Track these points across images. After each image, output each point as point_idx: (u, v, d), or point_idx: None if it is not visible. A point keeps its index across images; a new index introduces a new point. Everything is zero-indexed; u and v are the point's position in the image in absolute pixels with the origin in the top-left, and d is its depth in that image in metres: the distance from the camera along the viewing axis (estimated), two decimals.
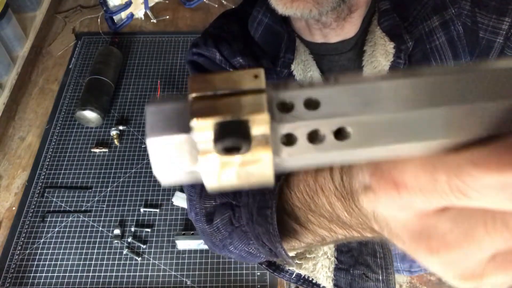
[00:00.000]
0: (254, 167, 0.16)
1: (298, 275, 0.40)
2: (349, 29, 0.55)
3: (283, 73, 0.56)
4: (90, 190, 0.93)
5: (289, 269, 0.39)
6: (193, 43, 0.61)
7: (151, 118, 0.17)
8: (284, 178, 0.32)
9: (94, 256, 0.85)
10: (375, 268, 0.38)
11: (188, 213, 0.46)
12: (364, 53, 0.56)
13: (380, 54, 0.55)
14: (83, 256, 0.85)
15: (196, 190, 0.43)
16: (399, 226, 0.20)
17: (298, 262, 0.40)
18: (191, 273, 0.83)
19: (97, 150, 0.99)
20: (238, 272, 0.83)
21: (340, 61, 0.58)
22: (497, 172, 0.14)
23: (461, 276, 0.18)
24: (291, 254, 0.38)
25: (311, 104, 0.16)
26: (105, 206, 0.91)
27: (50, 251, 0.85)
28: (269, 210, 0.31)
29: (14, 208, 0.92)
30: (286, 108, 0.16)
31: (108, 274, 0.83)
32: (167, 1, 1.34)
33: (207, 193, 0.40)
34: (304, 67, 0.57)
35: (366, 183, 0.21)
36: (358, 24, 0.55)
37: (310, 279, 0.40)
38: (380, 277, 0.38)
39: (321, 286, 0.40)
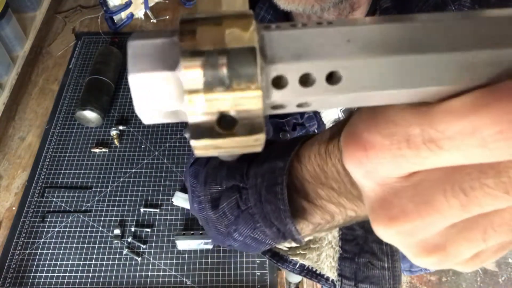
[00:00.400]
0: (242, 107, 0.15)
1: (302, 266, 0.39)
2: None
3: None
4: (90, 190, 0.93)
5: (292, 259, 0.38)
6: None
7: (133, 53, 0.16)
8: (294, 153, 0.31)
9: (94, 256, 0.85)
10: (381, 255, 0.37)
11: (190, 206, 0.44)
12: None
13: None
14: (83, 256, 0.85)
15: (199, 179, 0.42)
16: (365, 195, 0.19)
17: (302, 252, 0.39)
18: (191, 273, 0.83)
19: (97, 150, 0.99)
20: (238, 272, 0.83)
21: None
22: (470, 114, 0.14)
23: (423, 249, 0.17)
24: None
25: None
26: (105, 206, 0.91)
27: (50, 251, 0.85)
28: (279, 186, 0.30)
29: (14, 208, 0.92)
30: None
31: (108, 274, 0.83)
32: (167, 1, 1.34)
33: (213, 178, 0.39)
34: None
35: (342, 145, 0.19)
36: None
37: (314, 269, 0.39)
38: (386, 265, 0.37)
39: (325, 276, 0.39)
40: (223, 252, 0.85)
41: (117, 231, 0.87)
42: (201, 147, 0.16)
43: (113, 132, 1.00)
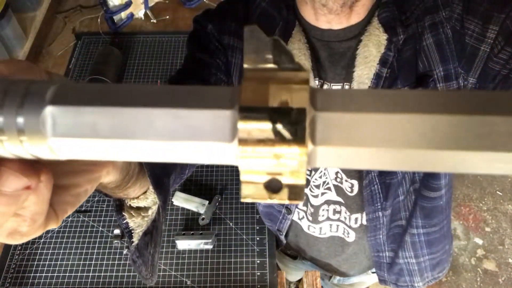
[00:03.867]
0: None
1: (127, 224, 0.47)
2: (352, 17, 0.55)
3: None
4: None
5: (124, 214, 0.46)
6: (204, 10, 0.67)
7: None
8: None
9: (94, 256, 0.85)
10: (150, 242, 0.47)
11: None
12: (360, 43, 0.56)
13: (373, 44, 0.55)
14: (83, 256, 0.85)
15: None
16: None
17: (134, 214, 0.47)
18: (191, 273, 0.83)
19: None
20: (238, 272, 0.83)
21: (341, 48, 0.58)
22: None
23: None
24: (140, 201, 0.46)
25: None
26: (105, 206, 0.91)
27: (50, 251, 0.85)
28: (114, 203, 0.44)
29: None
30: None
31: (108, 274, 0.83)
32: (167, 1, 1.34)
33: None
34: (295, 55, 0.58)
35: None
36: (362, 13, 0.55)
37: (131, 230, 0.47)
38: (150, 250, 0.47)
39: (132, 240, 0.47)
40: (223, 252, 0.85)
41: (117, 231, 0.86)
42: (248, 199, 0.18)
43: None
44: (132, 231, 0.46)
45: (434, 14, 0.54)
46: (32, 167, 0.20)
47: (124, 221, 0.45)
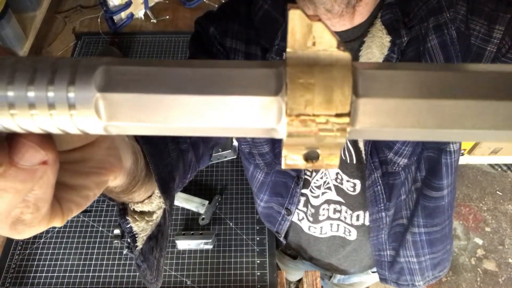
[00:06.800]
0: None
1: (130, 229, 0.49)
2: (356, 19, 0.55)
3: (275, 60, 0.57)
4: None
5: (127, 218, 0.47)
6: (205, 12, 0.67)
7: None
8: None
9: (94, 256, 0.85)
10: (155, 247, 0.49)
11: None
12: (363, 44, 0.56)
13: (376, 46, 0.55)
14: (83, 256, 0.85)
15: None
16: None
17: (138, 218, 0.49)
18: (191, 273, 0.83)
19: None
20: (238, 272, 0.83)
21: None
22: None
23: None
24: (145, 205, 0.47)
25: None
26: (105, 206, 0.91)
27: (50, 251, 0.85)
28: (118, 207, 0.44)
29: None
30: None
31: (108, 274, 0.83)
32: (167, 1, 1.34)
33: None
34: None
35: None
36: (364, 14, 0.55)
37: (135, 235, 0.49)
38: (156, 254, 0.49)
39: (136, 244, 0.49)
40: (223, 252, 0.85)
41: (117, 231, 0.87)
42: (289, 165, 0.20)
43: None
44: (136, 235, 0.46)
45: (438, 16, 0.54)
46: (48, 141, 0.20)
47: (128, 225, 0.45)
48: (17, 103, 0.18)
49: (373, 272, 0.90)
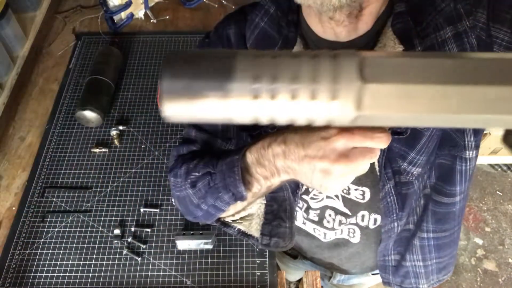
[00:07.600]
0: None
1: (239, 229, 0.61)
2: (360, 27, 0.54)
3: None
4: (90, 190, 0.93)
5: (233, 225, 0.59)
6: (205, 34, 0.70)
7: None
8: (247, 148, 0.50)
9: (94, 256, 0.85)
10: (285, 219, 0.59)
11: (173, 194, 0.64)
12: None
13: None
14: (83, 256, 0.85)
15: (179, 175, 0.60)
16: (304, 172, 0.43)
17: (240, 221, 0.61)
18: (191, 273, 0.83)
19: (97, 150, 0.99)
20: (238, 272, 0.83)
21: None
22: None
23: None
24: (242, 214, 0.60)
25: None
26: (105, 206, 0.91)
27: (50, 251, 0.85)
28: (236, 168, 0.50)
29: (14, 208, 0.92)
30: None
31: (108, 274, 0.83)
32: (167, 1, 1.34)
33: (193, 170, 0.58)
34: None
35: (280, 152, 0.45)
36: (369, 22, 0.54)
37: (246, 232, 0.61)
38: (287, 225, 0.59)
39: (252, 235, 0.60)
40: (223, 252, 0.85)
41: (117, 231, 0.87)
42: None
43: (113, 132, 1.00)
44: (246, 231, 0.58)
45: (457, 24, 0.52)
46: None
47: (236, 229, 0.58)
48: (300, 93, 0.21)
49: (373, 274, 0.90)
